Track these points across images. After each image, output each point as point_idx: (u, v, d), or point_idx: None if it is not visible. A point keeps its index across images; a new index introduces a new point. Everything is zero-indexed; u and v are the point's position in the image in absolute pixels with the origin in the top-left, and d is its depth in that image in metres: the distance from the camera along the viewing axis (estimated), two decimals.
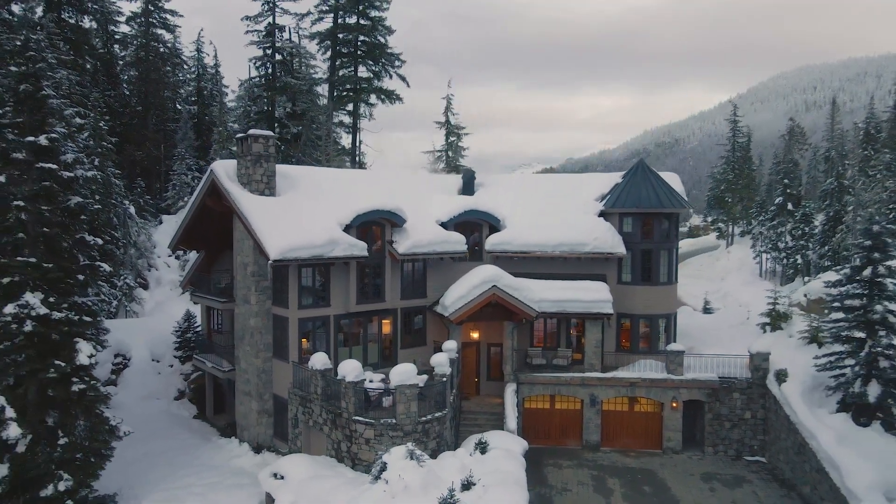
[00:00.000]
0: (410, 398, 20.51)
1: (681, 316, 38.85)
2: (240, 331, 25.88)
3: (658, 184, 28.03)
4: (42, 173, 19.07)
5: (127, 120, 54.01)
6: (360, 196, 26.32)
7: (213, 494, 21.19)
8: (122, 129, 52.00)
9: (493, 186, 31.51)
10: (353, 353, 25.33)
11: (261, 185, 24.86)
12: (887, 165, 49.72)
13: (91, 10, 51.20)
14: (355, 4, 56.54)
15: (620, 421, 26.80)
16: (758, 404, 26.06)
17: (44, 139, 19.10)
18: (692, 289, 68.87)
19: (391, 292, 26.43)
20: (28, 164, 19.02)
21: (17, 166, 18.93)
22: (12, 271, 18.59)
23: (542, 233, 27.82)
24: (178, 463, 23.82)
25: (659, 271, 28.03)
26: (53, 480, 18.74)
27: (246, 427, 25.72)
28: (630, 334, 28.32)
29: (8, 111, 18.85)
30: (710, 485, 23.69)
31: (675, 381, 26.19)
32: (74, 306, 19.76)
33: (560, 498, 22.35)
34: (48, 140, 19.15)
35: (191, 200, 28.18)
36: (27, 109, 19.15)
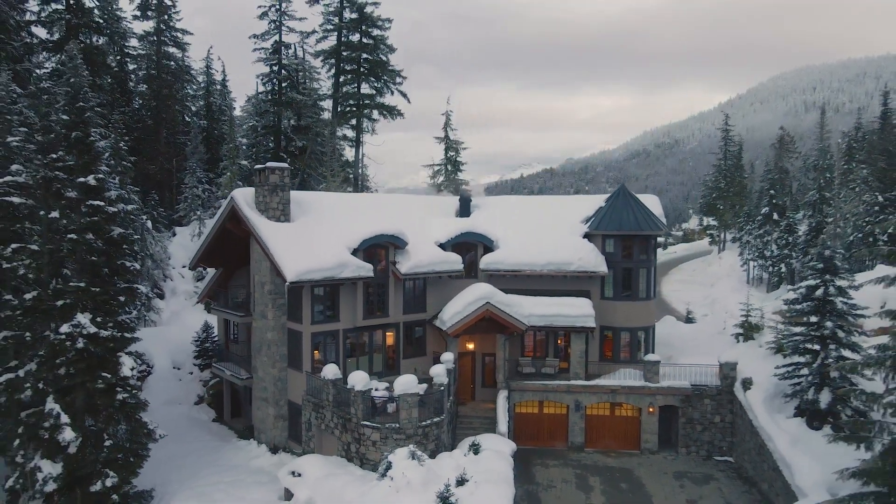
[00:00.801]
0: (412, 405, 23.40)
1: (664, 325, 41.85)
2: (257, 343, 28.76)
3: (637, 208, 30.90)
4: (91, 209, 21.96)
5: (140, 135, 56.82)
6: (366, 220, 29.20)
7: (237, 491, 24.08)
8: (136, 144, 54.82)
9: (487, 208, 34.41)
10: (360, 362, 28.23)
11: (277, 212, 27.75)
12: (864, 179, 52.52)
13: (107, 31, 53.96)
14: (358, 24, 59.39)
15: (602, 424, 29.67)
16: (726, 409, 28.93)
17: (92, 179, 21.98)
18: (685, 294, 71.70)
19: (394, 307, 29.31)
20: (78, 201, 21.90)
21: (68, 203, 21.81)
22: (66, 295, 21.46)
23: (531, 253, 30.69)
24: (203, 462, 26.72)
25: (638, 288, 30.91)
26: (101, 478, 21.63)
27: (263, 430, 28.62)
28: (612, 345, 31.21)
29: (61, 154, 21.70)
30: (681, 482, 26.57)
31: (652, 388, 29.06)
32: (117, 324, 22.65)
33: (545, 494, 25.22)
34: (96, 180, 22.03)
35: (211, 223, 31.06)
36: (77, 153, 22.03)
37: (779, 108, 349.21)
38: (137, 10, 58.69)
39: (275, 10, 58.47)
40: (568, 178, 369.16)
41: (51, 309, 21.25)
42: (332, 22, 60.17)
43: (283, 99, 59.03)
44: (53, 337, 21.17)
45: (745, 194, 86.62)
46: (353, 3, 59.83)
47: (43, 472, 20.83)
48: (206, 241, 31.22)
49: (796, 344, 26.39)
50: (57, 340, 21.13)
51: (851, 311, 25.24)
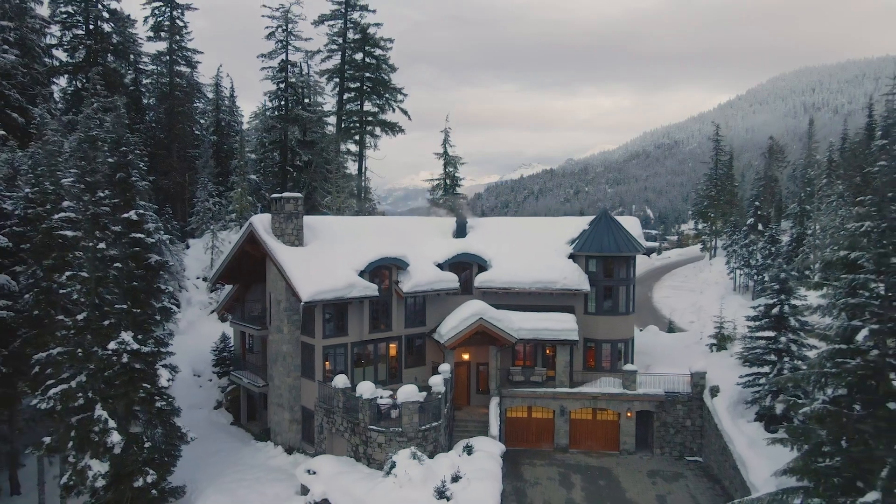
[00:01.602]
0: (413, 411, 26.75)
1: (647, 334, 45.23)
2: (273, 354, 32.11)
3: (617, 232, 34.22)
4: (132, 241, 25.29)
5: (153, 150, 60.14)
6: (371, 243, 32.54)
7: (259, 487, 27.45)
8: (150, 159, 58.15)
9: (481, 229, 37.75)
10: (366, 372, 31.59)
11: (291, 238, 31.08)
12: (840, 194, 55.81)
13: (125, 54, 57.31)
14: (361, 44, 62.72)
15: (585, 428, 32.98)
16: (696, 414, 32.27)
17: (134, 214, 25.32)
18: (675, 301, 74.77)
19: (397, 322, 32.65)
20: (121, 233, 25.23)
21: (113, 235, 25.14)
22: (111, 316, 24.79)
23: (521, 272, 34.02)
24: (226, 462, 30.09)
25: (618, 304, 34.25)
26: (142, 475, 24.97)
27: (279, 433, 31.97)
28: (595, 355, 34.54)
29: (107, 193, 25.03)
30: (653, 480, 29.90)
31: (630, 395, 32.39)
32: (155, 340, 26.00)
33: (532, 490, 28.54)
34: (137, 215, 25.36)
35: (223, 235, 34.34)
36: (121, 191, 25.37)
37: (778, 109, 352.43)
38: (151, 30, 61.96)
39: (281, 31, 61.77)
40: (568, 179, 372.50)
41: (99, 328, 24.57)
42: (337, 42, 63.52)
43: (289, 115, 62.30)
44: (101, 352, 24.49)
45: (735, 202, 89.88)
46: (357, 25, 63.21)
47: (92, 471, 24.18)
48: (225, 261, 34.55)
49: (756, 356, 29.74)
50: (104, 355, 24.45)
51: (804, 328, 28.60)
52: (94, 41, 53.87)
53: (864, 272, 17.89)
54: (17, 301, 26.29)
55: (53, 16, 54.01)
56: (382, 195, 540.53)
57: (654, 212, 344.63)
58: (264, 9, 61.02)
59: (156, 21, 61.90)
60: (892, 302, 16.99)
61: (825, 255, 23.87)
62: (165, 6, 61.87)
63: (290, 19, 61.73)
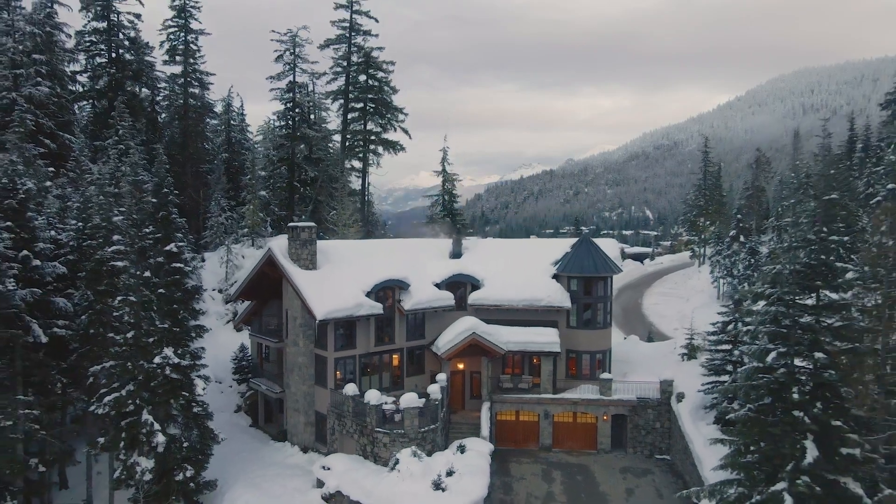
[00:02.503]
0: (413, 416, 31.18)
1: (628, 343, 49.72)
2: (290, 364, 36.55)
3: (596, 254, 38.62)
4: (172, 269, 29.72)
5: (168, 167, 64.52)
6: (377, 265, 36.94)
7: (280, 481, 31.89)
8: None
9: (475, 250, 42.15)
10: (372, 380, 36.00)
11: (306, 262, 35.50)
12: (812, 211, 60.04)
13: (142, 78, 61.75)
14: (365, 68, 67.10)
15: (566, 429, 37.38)
16: (665, 417, 36.68)
17: (174, 247, 29.74)
18: (664, 308, 78.97)
19: (399, 336, 37.08)
20: (163, 264, 29.64)
21: (156, 265, 29.54)
22: (155, 334, 29.22)
23: (510, 290, 38.42)
24: (249, 460, 34.53)
25: (597, 319, 38.68)
26: (182, 471, 29.40)
27: (295, 434, 36.43)
28: (576, 364, 38.95)
29: (152, 229, 29.45)
30: (625, 475, 34.33)
31: (606, 400, 36.81)
32: (191, 354, 30.42)
33: (517, 484, 32.96)
34: (176, 248, 29.79)
35: (251, 267, 38.80)
36: (162, 227, 29.78)
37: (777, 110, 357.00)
38: (166, 54, 66.34)
39: (289, 54, 66.16)
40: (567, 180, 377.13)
41: (145, 345, 29.00)
42: (341, 65, 67.90)
43: (296, 133, 66.69)
44: (147, 366, 28.92)
45: (724, 211, 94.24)
46: (360, 48, 67.59)
47: (140, 467, 28.62)
48: (246, 281, 38.98)
49: (716, 366, 34.16)
50: (150, 368, 28.88)
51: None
52: (115, 69, 58.22)
53: (779, 304, 22.29)
54: (72, 321, 30.70)
55: (78, 45, 58.41)
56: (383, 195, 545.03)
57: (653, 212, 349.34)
58: (273, 33, 65.49)
59: (171, 45, 66.29)
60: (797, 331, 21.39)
61: (754, 289, 27.98)
62: (180, 31, 66.20)
63: (297, 43, 66.10)
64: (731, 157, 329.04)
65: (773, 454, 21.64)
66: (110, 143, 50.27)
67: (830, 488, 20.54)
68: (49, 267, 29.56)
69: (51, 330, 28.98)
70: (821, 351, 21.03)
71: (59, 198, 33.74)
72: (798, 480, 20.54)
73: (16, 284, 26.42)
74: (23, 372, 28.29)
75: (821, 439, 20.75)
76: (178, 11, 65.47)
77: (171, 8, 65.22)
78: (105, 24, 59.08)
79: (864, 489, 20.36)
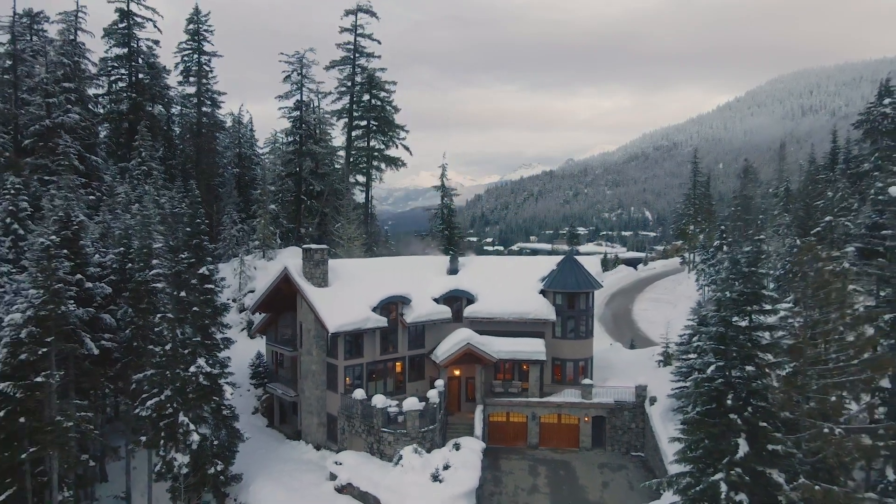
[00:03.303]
0: (415, 417, 35.84)
1: (611, 351, 54.40)
2: (304, 371, 41.22)
3: (579, 272, 43.26)
4: (204, 290, 34.37)
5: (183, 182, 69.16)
6: (382, 281, 41.60)
7: (298, 474, 36.57)
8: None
9: (470, 266, 46.82)
10: (377, 385, 40.65)
11: (319, 280, 40.15)
12: (788, 225, 64.73)
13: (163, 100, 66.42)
14: (368, 88, 71.78)
15: (552, 429, 42.03)
16: (639, 419, 41.34)
17: (205, 270, 34.39)
18: (653, 313, 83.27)
19: (402, 345, 41.74)
20: (196, 285, 34.27)
21: (190, 286, 34.17)
22: (189, 346, 33.87)
23: (501, 304, 43.07)
24: (268, 456, 39.21)
25: (579, 330, 43.34)
26: (213, 465, 34.07)
27: (309, 433, 41.11)
28: (560, 371, 43.61)
29: (187, 255, 34.02)
30: (602, 470, 38.99)
31: (587, 403, 41.47)
32: (219, 363, 35.07)
33: (506, 478, 37.62)
34: (208, 271, 34.44)
35: (266, 281, 43.40)
36: (196, 253, 34.36)
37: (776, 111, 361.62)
38: (181, 75, 71.02)
39: (297, 74, 70.86)
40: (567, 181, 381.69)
41: (181, 356, 33.66)
42: (346, 85, 72.61)
43: (303, 149, 71.37)
44: (183, 374, 33.58)
45: (712, 219, 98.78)
46: (364, 69, 72.30)
47: (178, 461, 33.24)
48: (263, 296, 43.63)
49: (682, 373, 38.79)
50: (186, 376, 33.54)
51: None
52: (136, 93, 62.90)
53: (720, 324, 26.92)
54: (116, 334, 35.36)
55: (101, 70, 63.07)
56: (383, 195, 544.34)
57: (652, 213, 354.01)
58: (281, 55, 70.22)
59: (185, 66, 70.97)
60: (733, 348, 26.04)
61: (701, 311, 32.53)
62: (194, 53, 70.91)
63: (304, 64, 70.80)
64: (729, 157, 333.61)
65: (713, 450, 26.27)
66: (134, 165, 54.90)
67: (758, 478, 25.17)
68: (98, 288, 34.23)
69: (99, 343, 33.60)
70: (752, 364, 25.68)
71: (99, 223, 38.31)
72: (732, 472, 25.17)
73: (75, 305, 31.05)
74: (76, 379, 32.96)
75: (751, 438, 25.37)
76: (191, 35, 70.19)
77: (186, 32, 69.99)
78: (126, 50, 63.68)
79: (785, 479, 24.99)
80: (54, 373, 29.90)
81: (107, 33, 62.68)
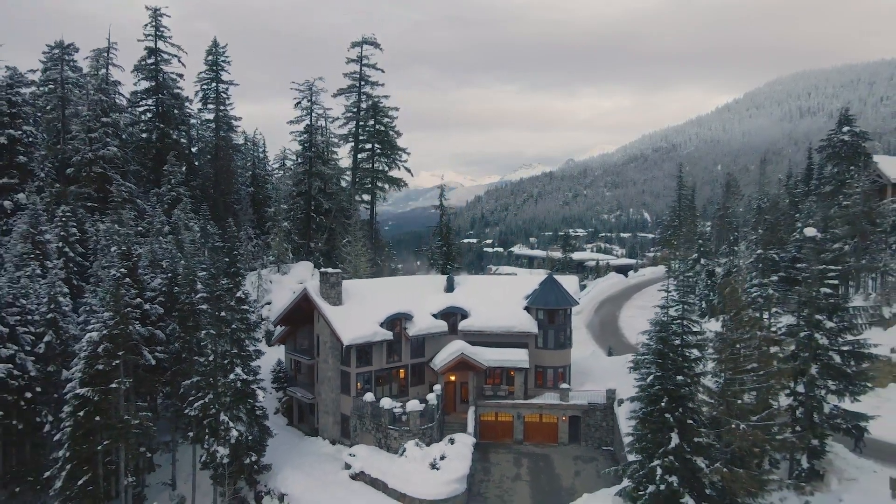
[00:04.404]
0: (416, 417, 43.26)
1: (592, 358, 61.73)
2: (321, 377, 48.63)
3: (558, 291, 50.64)
4: (241, 310, 41.78)
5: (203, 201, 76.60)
6: (388, 299, 48.98)
7: (318, 465, 44.01)
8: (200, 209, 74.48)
9: (466, 285, 54.24)
10: (384, 389, 48.03)
11: (334, 300, 47.55)
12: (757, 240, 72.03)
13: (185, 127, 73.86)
14: (373, 114, 79.18)
15: (534, 427, 49.37)
16: (609, 418, 48.72)
17: (241, 293, 41.79)
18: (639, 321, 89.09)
19: (405, 355, 49.15)
20: (233, 306, 41.66)
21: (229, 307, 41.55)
22: (228, 357, 41.26)
23: (491, 319, 50.47)
24: (291, 450, 46.62)
25: (558, 341, 50.73)
26: (248, 456, 41.42)
27: (325, 430, 48.56)
28: (542, 377, 51.01)
29: (226, 282, 41.43)
30: (576, 462, 46.35)
31: (564, 405, 48.85)
32: (252, 370, 42.47)
33: (494, 468, 44.98)
34: (243, 294, 41.84)
35: (288, 300, 50.79)
36: (232, 279, 41.78)
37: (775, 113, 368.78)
38: (200, 102, 78.47)
39: (307, 101, 78.26)
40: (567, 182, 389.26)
41: (222, 366, 41.06)
42: (352, 111, 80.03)
43: (313, 171, 78.75)
44: (223, 381, 41.01)
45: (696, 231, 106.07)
46: (369, 97, 79.69)
47: (220, 453, 40.64)
48: (284, 311, 51.04)
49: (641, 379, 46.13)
50: (225, 383, 40.95)
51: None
52: (163, 123, 70.37)
53: (660, 342, 34.30)
54: (167, 347, 42.78)
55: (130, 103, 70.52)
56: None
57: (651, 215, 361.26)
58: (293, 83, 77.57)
59: (204, 93, 78.42)
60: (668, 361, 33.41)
61: (649, 331, 39.59)
62: (212, 81, 78.35)
63: (314, 91, 78.21)
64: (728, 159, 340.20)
65: (653, 442, 33.71)
66: (165, 191, 62.33)
67: (686, 464, 32.57)
68: (153, 309, 41.66)
69: (154, 354, 41.02)
70: (682, 375, 33.10)
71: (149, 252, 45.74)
72: (666, 459, 32.59)
73: (140, 325, 38.48)
74: (136, 385, 40.40)
75: (681, 432, 32.77)
76: (210, 66, 77.60)
77: (205, 63, 77.41)
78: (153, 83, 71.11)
79: (706, 465, 32.40)
80: (124, 380, 37.35)
81: (136, 69, 70.05)
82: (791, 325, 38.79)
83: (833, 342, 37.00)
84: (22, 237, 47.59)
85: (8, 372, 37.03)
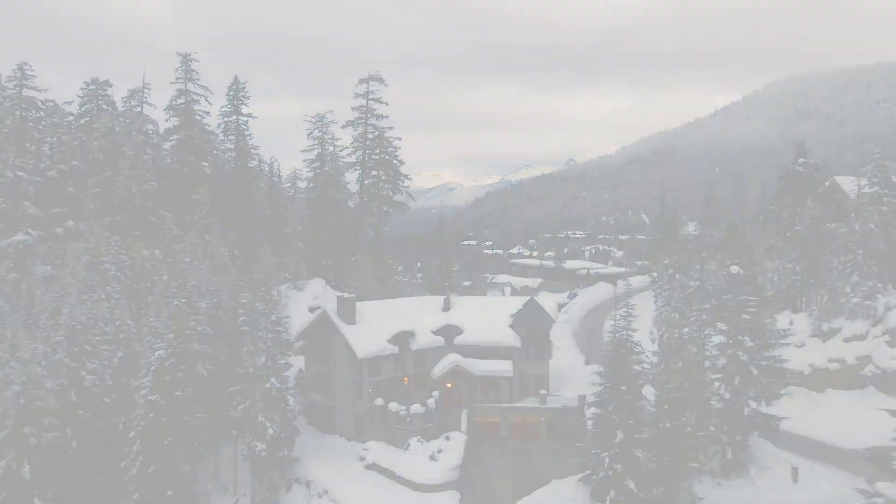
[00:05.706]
0: (418, 418, 53.54)
1: (571, 366, 72.07)
2: (338, 384, 58.91)
3: (539, 311, 60.83)
4: (276, 331, 51.97)
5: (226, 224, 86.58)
6: (395, 318, 59.24)
7: (338, 458, 54.33)
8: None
9: (460, 305, 64.52)
10: (391, 394, 58.21)
11: (350, 319, 57.80)
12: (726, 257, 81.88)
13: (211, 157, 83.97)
14: (378, 144, 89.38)
15: (518, 427, 59.35)
16: (581, 419, 58.85)
17: (275, 317, 51.95)
18: None
19: (409, 366, 59.40)
20: (269, 328, 51.81)
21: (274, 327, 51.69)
22: (264, 369, 51.39)
23: (482, 335, 60.72)
24: (314, 445, 56.85)
25: (539, 353, 60.98)
26: (281, 451, 51.57)
27: (341, 429, 58.84)
28: (525, 384, 61.23)
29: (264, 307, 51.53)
30: (551, 455, 56.53)
31: (543, 408, 58.99)
32: (283, 380, 52.66)
33: (484, 460, 55.17)
34: (276, 317, 52.00)
35: (310, 320, 61.06)
36: (265, 302, 51.91)
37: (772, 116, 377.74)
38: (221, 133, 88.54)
39: (318, 132, 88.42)
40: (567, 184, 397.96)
41: (259, 375, 51.21)
42: (359, 141, 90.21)
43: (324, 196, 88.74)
44: (262, 388, 51.16)
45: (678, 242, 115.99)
46: (375, 128, 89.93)
47: (258, 448, 50.84)
48: (306, 328, 61.26)
49: None
50: (264, 389, 51.11)
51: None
52: (193, 157, 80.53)
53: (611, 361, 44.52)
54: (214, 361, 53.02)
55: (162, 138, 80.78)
56: None
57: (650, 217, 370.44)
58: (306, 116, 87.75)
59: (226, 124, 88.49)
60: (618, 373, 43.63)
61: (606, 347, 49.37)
62: (233, 113, 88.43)
63: (324, 122, 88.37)
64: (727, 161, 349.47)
65: (604, 436, 43.97)
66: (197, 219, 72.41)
67: (628, 455, 42.81)
68: (204, 329, 51.92)
69: (205, 367, 51.29)
70: (625, 385, 43.35)
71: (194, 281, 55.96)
72: (613, 451, 42.87)
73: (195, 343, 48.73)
74: (193, 392, 50.65)
75: (624, 430, 43.01)
76: (230, 100, 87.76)
77: (227, 97, 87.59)
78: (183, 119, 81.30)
79: (642, 455, 42.63)
80: (186, 389, 47.62)
81: (168, 107, 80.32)
82: (721, 343, 49.24)
83: (752, 358, 47.38)
84: (86, 267, 57.75)
85: (93, 382, 47.30)
